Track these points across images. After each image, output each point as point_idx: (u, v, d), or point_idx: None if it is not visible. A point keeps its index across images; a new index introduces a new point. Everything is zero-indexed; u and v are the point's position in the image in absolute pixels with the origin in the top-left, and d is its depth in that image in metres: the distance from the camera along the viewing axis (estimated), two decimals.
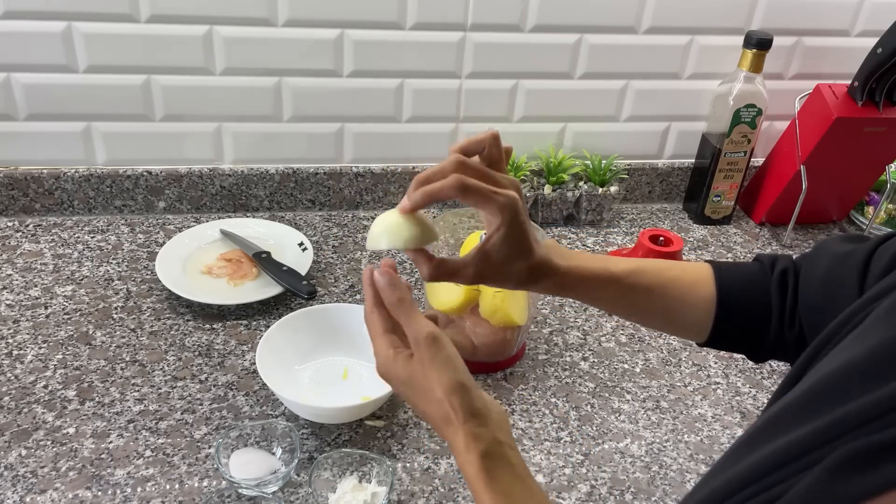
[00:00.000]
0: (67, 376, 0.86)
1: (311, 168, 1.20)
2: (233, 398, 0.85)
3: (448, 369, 0.55)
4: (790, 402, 0.43)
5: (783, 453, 0.39)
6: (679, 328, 0.69)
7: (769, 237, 1.28)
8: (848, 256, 0.58)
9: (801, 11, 1.22)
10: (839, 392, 0.40)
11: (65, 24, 1.03)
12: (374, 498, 0.71)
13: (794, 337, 0.62)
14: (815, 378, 0.43)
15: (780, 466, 0.39)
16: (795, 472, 0.38)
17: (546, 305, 1.05)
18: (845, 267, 0.57)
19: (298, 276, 1.00)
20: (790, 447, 0.39)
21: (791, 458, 0.38)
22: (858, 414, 0.37)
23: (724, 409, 0.89)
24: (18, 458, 0.75)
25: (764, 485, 0.39)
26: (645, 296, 0.66)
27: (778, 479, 0.38)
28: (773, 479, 0.39)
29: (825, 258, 0.60)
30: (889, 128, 1.14)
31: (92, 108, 1.10)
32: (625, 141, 1.29)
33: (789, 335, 0.63)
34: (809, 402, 0.41)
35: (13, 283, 1.00)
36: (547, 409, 0.87)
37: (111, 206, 1.17)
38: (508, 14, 1.14)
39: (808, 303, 0.61)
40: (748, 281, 0.65)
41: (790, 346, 0.63)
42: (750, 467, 0.41)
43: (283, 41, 1.10)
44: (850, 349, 0.43)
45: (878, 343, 0.40)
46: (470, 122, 1.22)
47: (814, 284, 0.61)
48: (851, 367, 0.41)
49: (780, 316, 0.63)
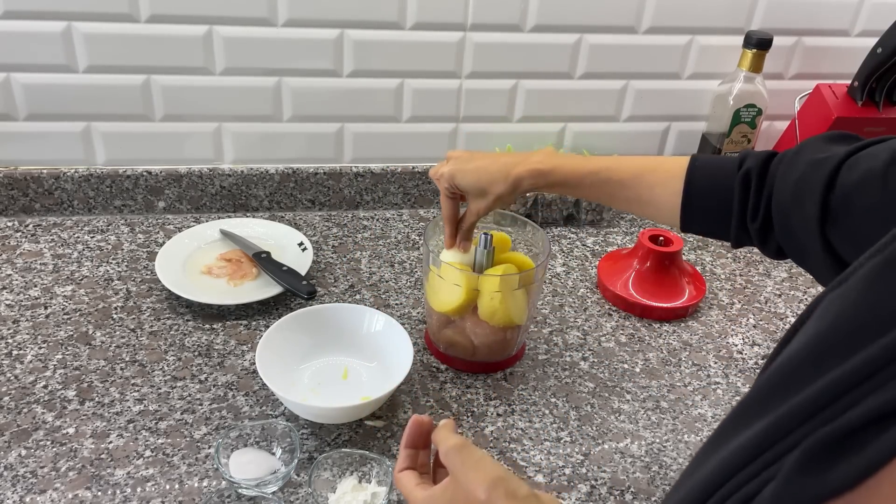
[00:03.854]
0: (67, 376, 0.86)
1: (310, 168, 1.20)
2: (233, 398, 0.85)
3: (482, 468, 0.55)
4: (757, 389, 0.43)
5: (749, 447, 0.39)
6: (654, 215, 0.77)
7: None
8: (821, 164, 0.61)
9: (800, 11, 1.22)
10: (793, 379, 0.39)
11: (65, 24, 1.03)
12: (374, 498, 0.71)
13: (757, 229, 0.68)
14: (778, 363, 0.42)
15: (746, 464, 0.39)
16: (763, 468, 0.37)
17: (546, 305, 1.05)
18: (816, 174, 0.60)
19: (298, 276, 1.00)
20: (752, 441, 0.39)
21: (754, 454, 0.38)
22: (805, 405, 0.36)
23: (724, 409, 0.89)
24: (18, 458, 0.75)
25: (735, 484, 0.39)
26: (619, 188, 0.77)
27: (745, 477, 0.38)
28: (741, 477, 0.38)
29: (803, 162, 0.64)
30: (889, 128, 1.14)
31: (92, 108, 1.10)
32: (625, 141, 1.29)
33: (752, 228, 0.68)
34: (770, 389, 0.41)
35: (13, 283, 1.00)
36: (547, 409, 0.87)
37: (111, 206, 1.17)
38: (508, 14, 1.14)
39: (779, 200, 0.65)
40: (716, 175, 0.71)
41: (756, 238, 0.69)
42: (720, 465, 0.41)
43: (283, 41, 1.10)
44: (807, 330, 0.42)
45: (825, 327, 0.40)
46: (470, 122, 1.22)
47: (787, 185, 0.64)
48: (800, 352, 0.40)
49: (741, 210, 0.68)
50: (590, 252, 1.19)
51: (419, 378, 0.90)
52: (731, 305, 1.08)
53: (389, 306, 1.02)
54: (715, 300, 1.09)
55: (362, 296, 1.04)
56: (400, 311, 1.01)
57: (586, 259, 1.17)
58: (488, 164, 0.81)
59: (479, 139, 1.24)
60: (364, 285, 1.06)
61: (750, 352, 0.99)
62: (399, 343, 0.86)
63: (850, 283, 0.41)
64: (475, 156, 0.83)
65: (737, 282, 1.14)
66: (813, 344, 0.40)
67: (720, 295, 1.11)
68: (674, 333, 1.02)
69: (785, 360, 0.41)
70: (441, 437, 0.59)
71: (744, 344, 1.01)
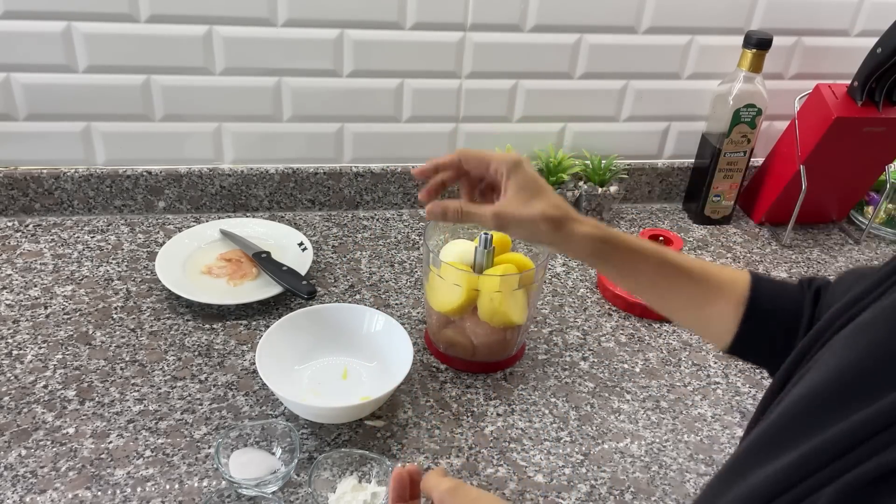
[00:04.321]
0: (67, 376, 0.86)
1: (310, 168, 1.20)
2: (232, 398, 0.85)
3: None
4: (781, 419, 0.42)
5: (778, 480, 0.39)
6: (706, 323, 0.67)
7: (769, 237, 1.28)
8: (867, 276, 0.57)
9: (800, 11, 1.22)
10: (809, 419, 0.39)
11: (65, 24, 1.03)
12: (373, 498, 0.71)
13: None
14: (790, 400, 0.42)
15: (777, 495, 0.38)
16: (795, 501, 0.37)
17: (546, 305, 1.05)
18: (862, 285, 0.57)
19: (298, 276, 1.00)
20: (781, 474, 0.38)
21: (784, 487, 0.38)
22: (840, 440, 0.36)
23: (724, 409, 0.89)
24: (18, 458, 0.75)
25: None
26: (683, 277, 0.65)
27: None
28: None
29: (851, 278, 0.60)
30: (889, 128, 1.14)
31: (92, 108, 1.10)
32: (624, 141, 1.29)
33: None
34: (796, 420, 0.41)
35: (13, 283, 1.00)
36: (547, 409, 0.87)
37: (111, 206, 1.17)
38: (508, 14, 1.14)
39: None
40: (783, 290, 0.64)
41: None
42: (745, 496, 0.40)
43: (283, 41, 1.10)
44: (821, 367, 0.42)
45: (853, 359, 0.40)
46: (470, 122, 1.22)
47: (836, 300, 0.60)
48: (828, 384, 0.40)
49: (808, 328, 0.61)
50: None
51: (419, 378, 0.90)
52: None
53: (389, 306, 1.02)
54: None
55: (362, 296, 1.04)
56: (400, 311, 1.01)
57: None
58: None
59: (479, 139, 1.24)
60: (364, 285, 1.06)
61: None
62: (399, 343, 0.86)
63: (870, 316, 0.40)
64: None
65: None
66: (837, 378, 0.39)
67: None
68: (674, 333, 1.02)
69: (809, 392, 0.41)
70: (432, 485, 0.58)
71: None
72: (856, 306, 0.47)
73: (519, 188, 0.66)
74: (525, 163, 0.68)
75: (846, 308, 0.47)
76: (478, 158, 0.68)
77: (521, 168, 0.67)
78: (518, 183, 0.66)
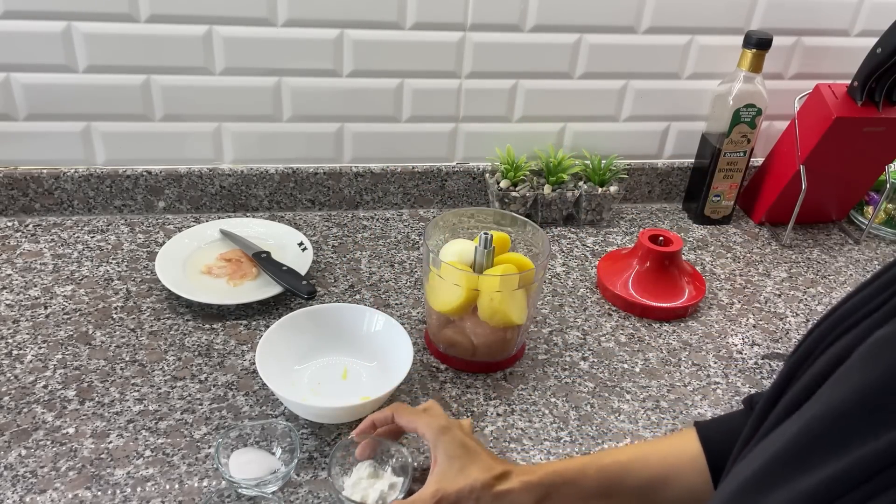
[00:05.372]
0: (67, 376, 0.86)
1: (310, 168, 1.20)
2: (232, 398, 0.85)
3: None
4: (780, 452, 0.42)
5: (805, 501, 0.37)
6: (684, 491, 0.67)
7: (769, 237, 1.28)
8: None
9: (800, 11, 1.22)
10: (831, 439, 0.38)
11: (65, 24, 1.03)
12: (391, 489, 0.71)
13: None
14: (808, 419, 0.41)
15: None
16: None
17: (546, 305, 1.05)
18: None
19: (298, 275, 1.00)
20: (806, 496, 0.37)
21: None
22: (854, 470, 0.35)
23: (724, 409, 0.89)
24: (18, 458, 0.75)
25: None
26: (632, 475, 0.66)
27: None
28: None
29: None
30: (889, 128, 1.14)
31: (91, 108, 1.10)
32: (624, 141, 1.29)
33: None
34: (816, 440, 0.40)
35: (13, 283, 1.00)
36: (547, 408, 0.87)
37: (111, 206, 1.17)
38: (508, 14, 1.14)
39: None
40: (730, 422, 0.67)
41: None
42: None
43: (283, 41, 1.10)
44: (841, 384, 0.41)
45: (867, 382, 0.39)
46: (470, 122, 1.22)
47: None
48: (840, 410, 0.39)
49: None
50: (589, 252, 1.19)
51: (419, 378, 0.90)
52: (730, 305, 1.08)
53: (389, 306, 1.02)
54: (715, 300, 1.09)
55: (362, 296, 1.04)
56: (400, 311, 1.01)
57: (586, 259, 1.17)
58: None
59: (478, 139, 1.24)
60: (364, 285, 1.06)
61: (749, 352, 0.99)
62: (399, 343, 0.86)
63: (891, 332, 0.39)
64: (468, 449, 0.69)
65: (736, 282, 1.14)
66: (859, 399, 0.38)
67: (720, 295, 1.11)
68: (674, 333, 1.02)
69: (830, 412, 0.40)
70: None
71: (743, 344, 1.01)
72: (851, 318, 0.46)
73: (448, 457, 0.67)
74: (452, 428, 0.70)
75: (840, 320, 0.47)
76: (407, 420, 0.72)
77: (446, 436, 0.69)
78: (447, 452, 0.68)
